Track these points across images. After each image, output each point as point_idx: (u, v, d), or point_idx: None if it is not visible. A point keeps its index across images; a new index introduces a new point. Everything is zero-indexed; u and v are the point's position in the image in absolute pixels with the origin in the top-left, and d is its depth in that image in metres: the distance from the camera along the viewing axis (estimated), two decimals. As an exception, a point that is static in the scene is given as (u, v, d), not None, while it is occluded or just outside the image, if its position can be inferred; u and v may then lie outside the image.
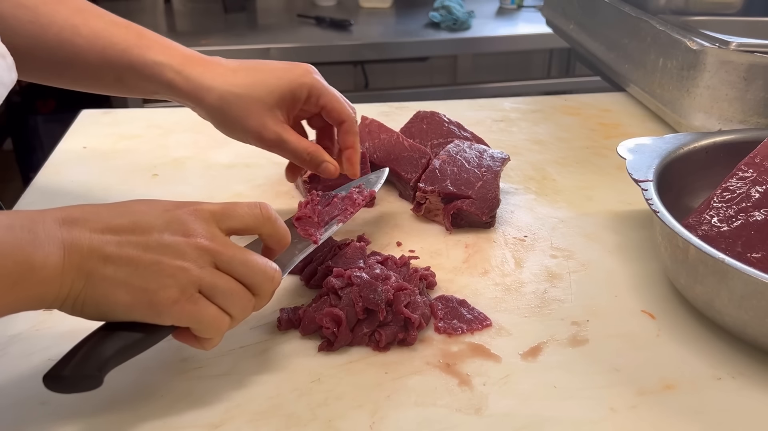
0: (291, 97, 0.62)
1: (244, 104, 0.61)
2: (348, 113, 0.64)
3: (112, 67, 0.62)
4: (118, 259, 0.43)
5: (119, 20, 0.64)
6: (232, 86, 0.61)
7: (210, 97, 0.61)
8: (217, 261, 0.46)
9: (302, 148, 0.63)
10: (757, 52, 0.82)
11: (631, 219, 0.75)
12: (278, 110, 0.62)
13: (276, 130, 0.62)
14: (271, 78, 0.62)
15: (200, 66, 0.62)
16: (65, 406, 0.48)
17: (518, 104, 1.09)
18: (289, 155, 0.64)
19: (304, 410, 0.48)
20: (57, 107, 2.07)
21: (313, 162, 0.64)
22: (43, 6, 0.61)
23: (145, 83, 0.62)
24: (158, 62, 0.61)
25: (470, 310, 0.58)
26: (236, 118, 0.62)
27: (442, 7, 1.98)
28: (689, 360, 0.54)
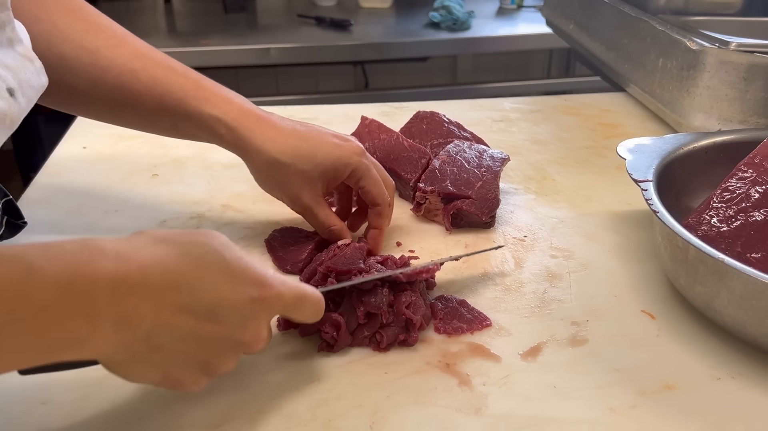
0: (333, 173, 0.64)
1: (287, 172, 0.63)
2: (383, 198, 0.66)
3: (168, 114, 0.63)
4: (172, 350, 0.41)
5: (178, 66, 0.65)
6: (280, 154, 0.63)
7: (257, 158, 0.63)
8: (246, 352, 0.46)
9: (328, 222, 0.65)
10: (757, 52, 0.82)
11: (631, 219, 0.75)
12: (318, 182, 0.64)
13: (309, 202, 0.64)
14: (320, 153, 0.63)
15: (253, 124, 0.63)
16: (65, 406, 0.48)
17: (518, 104, 1.09)
18: (315, 226, 0.66)
19: (304, 410, 0.49)
20: (57, 107, 2.06)
21: (334, 237, 0.65)
22: (104, 50, 0.62)
23: (199, 132, 0.64)
24: (213, 116, 0.63)
25: (470, 310, 0.58)
26: (277, 183, 0.65)
27: (442, 7, 1.98)
28: (689, 360, 0.54)
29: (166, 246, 0.41)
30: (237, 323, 0.43)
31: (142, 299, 0.38)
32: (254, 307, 0.44)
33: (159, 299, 0.39)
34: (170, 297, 0.40)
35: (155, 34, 1.90)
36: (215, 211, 0.75)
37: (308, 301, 0.48)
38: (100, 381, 0.51)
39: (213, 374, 0.44)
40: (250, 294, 0.43)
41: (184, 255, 0.41)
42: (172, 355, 0.41)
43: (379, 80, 2.36)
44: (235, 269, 0.43)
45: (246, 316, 0.43)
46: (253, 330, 0.44)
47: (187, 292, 0.40)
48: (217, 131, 0.63)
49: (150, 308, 0.39)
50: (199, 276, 0.41)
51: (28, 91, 0.53)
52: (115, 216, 0.73)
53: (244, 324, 0.43)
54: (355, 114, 0.91)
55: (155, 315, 0.39)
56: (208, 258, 0.42)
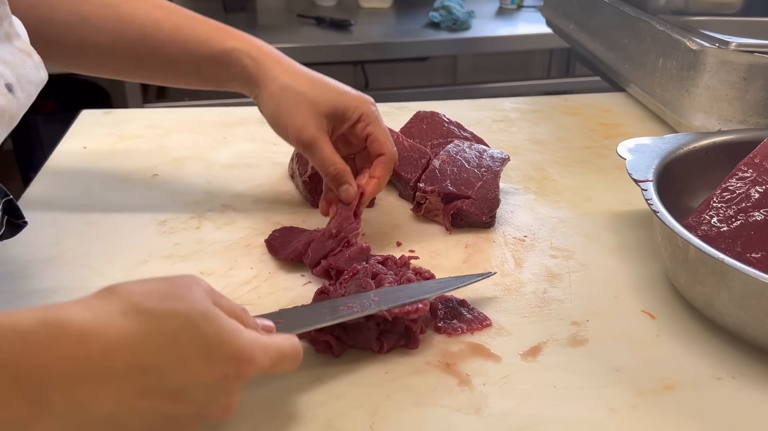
0: (342, 113, 0.65)
1: (298, 100, 0.64)
2: (390, 148, 0.66)
3: (192, 57, 0.66)
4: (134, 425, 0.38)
5: (197, 15, 0.68)
6: (295, 83, 0.65)
7: (272, 85, 0.65)
8: None
9: (332, 161, 0.64)
10: (757, 52, 0.82)
11: (631, 219, 0.75)
12: (325, 119, 0.64)
13: (315, 133, 0.64)
14: (330, 91, 0.65)
15: (273, 58, 0.67)
16: (65, 406, 0.48)
17: (518, 104, 1.09)
18: (318, 163, 0.65)
19: (304, 410, 0.48)
20: (57, 107, 2.07)
21: (337, 179, 0.65)
22: (125, 5, 0.65)
23: (221, 71, 0.67)
24: (237, 48, 0.66)
25: (470, 310, 0.58)
26: (285, 111, 0.65)
27: (442, 7, 1.98)
28: (689, 360, 0.54)
29: (138, 320, 0.37)
30: (206, 401, 0.40)
31: (102, 384, 0.36)
32: (228, 384, 0.41)
33: (122, 384, 0.36)
34: (135, 381, 0.37)
35: (155, 34, 1.90)
36: (215, 210, 0.75)
37: (287, 360, 0.45)
38: (100, 381, 0.51)
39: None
40: (225, 373, 0.40)
41: (156, 332, 0.38)
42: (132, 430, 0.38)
43: (379, 80, 2.36)
44: (213, 345, 0.40)
45: (218, 392, 0.40)
46: (223, 404, 0.41)
47: (155, 376, 0.37)
48: (240, 62, 0.65)
49: (110, 393, 0.36)
50: (171, 358, 0.38)
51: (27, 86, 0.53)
52: (115, 216, 0.73)
53: (214, 400, 0.41)
54: (355, 114, 0.91)
55: (116, 400, 0.36)
56: (184, 336, 0.39)
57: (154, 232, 0.70)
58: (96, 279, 0.62)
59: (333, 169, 0.64)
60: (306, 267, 0.64)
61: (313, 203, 0.76)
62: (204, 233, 0.71)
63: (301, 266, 0.65)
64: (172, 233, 0.70)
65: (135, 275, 0.63)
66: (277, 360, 0.44)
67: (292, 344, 0.46)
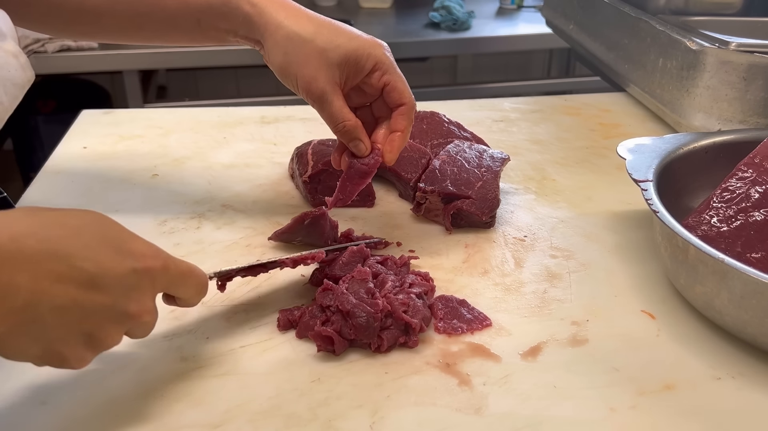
0: (355, 62, 0.60)
1: (306, 49, 0.60)
2: (409, 97, 0.62)
3: (191, 11, 0.63)
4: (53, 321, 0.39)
5: None
6: (301, 29, 0.60)
7: (278, 34, 0.61)
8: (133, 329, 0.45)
9: (342, 115, 0.61)
10: (757, 52, 0.82)
11: (631, 219, 0.75)
12: (337, 69, 0.60)
13: (324, 87, 0.60)
14: (341, 37, 0.60)
15: (276, 3, 0.62)
16: (65, 406, 0.48)
17: (518, 104, 1.09)
18: (327, 118, 0.62)
19: (304, 410, 0.48)
20: (57, 107, 2.07)
21: (347, 134, 0.62)
22: None
23: (222, 22, 0.63)
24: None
25: (470, 310, 0.58)
26: (294, 62, 0.60)
27: (442, 7, 1.98)
28: (689, 360, 0.54)
29: (41, 217, 0.40)
30: (120, 292, 0.42)
31: (16, 269, 0.37)
32: (137, 278, 0.42)
33: (35, 268, 0.38)
34: (46, 265, 0.38)
35: (155, 34, 1.90)
36: (215, 210, 0.75)
37: (193, 277, 0.47)
38: (100, 381, 0.51)
39: (98, 348, 0.43)
40: (132, 265, 0.42)
41: (60, 225, 0.40)
42: (53, 327, 0.39)
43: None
44: (116, 240, 0.42)
45: (129, 286, 0.42)
46: (138, 300, 0.43)
47: (65, 261, 0.39)
48: (241, 9, 0.61)
49: (25, 278, 0.38)
50: (77, 245, 0.40)
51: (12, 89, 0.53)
52: (115, 217, 0.73)
53: (127, 294, 0.42)
54: (355, 114, 0.91)
55: (32, 285, 0.38)
56: (87, 229, 0.41)
57: (154, 232, 0.70)
58: (96, 279, 0.62)
59: (342, 125, 0.61)
60: (306, 268, 0.64)
61: (313, 203, 0.76)
62: (204, 233, 0.71)
63: (301, 266, 0.65)
64: (172, 233, 0.70)
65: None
66: (183, 273, 0.46)
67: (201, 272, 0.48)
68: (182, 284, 0.47)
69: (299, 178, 0.77)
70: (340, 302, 0.54)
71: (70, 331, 0.41)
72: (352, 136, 0.62)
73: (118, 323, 0.43)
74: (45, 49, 1.65)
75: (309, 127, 0.97)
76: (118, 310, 0.42)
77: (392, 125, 0.63)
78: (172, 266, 0.45)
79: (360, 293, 0.55)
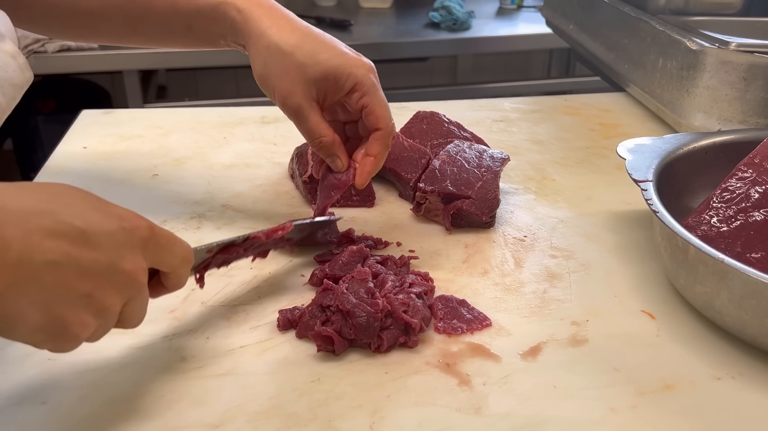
0: (334, 81, 0.60)
1: (285, 63, 0.59)
2: (387, 122, 0.62)
3: (181, 15, 0.63)
4: (49, 279, 0.38)
5: None
6: (283, 41, 0.59)
7: (260, 43, 0.60)
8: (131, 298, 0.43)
9: (318, 131, 0.61)
10: (757, 52, 0.82)
11: (631, 219, 0.75)
12: (314, 85, 0.60)
13: (301, 102, 0.59)
14: (324, 53, 0.60)
15: (264, 10, 0.61)
16: (65, 406, 0.48)
17: (518, 104, 1.09)
18: (304, 132, 0.62)
19: (304, 410, 0.48)
20: (57, 107, 2.07)
21: (324, 150, 0.62)
22: None
23: (212, 26, 0.63)
24: (224, 1, 0.61)
25: (470, 310, 0.58)
26: (272, 74, 0.60)
27: (442, 7, 1.98)
28: (689, 360, 0.54)
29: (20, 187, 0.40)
30: (113, 249, 0.41)
31: (4, 223, 0.36)
32: (127, 235, 0.42)
33: (23, 222, 0.37)
34: (34, 220, 0.38)
35: (155, 34, 1.90)
36: (215, 210, 0.75)
37: (177, 243, 0.47)
38: (100, 381, 0.51)
39: (100, 313, 0.41)
40: (120, 224, 0.41)
41: (39, 190, 0.40)
42: (50, 286, 0.38)
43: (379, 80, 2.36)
44: (99, 202, 0.42)
45: (120, 243, 0.41)
46: (132, 259, 0.42)
47: (51, 216, 0.38)
48: (229, 14, 0.61)
49: (15, 231, 0.37)
50: (62, 204, 0.40)
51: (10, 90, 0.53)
52: (115, 216, 0.73)
53: (119, 252, 0.41)
54: (355, 114, 0.91)
55: (23, 238, 0.37)
56: (68, 192, 0.41)
57: (154, 232, 0.70)
58: (96, 279, 0.62)
59: (318, 141, 0.61)
60: (305, 268, 0.65)
61: (313, 203, 0.76)
62: (204, 233, 0.71)
63: (301, 266, 0.65)
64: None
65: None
66: (169, 237, 0.46)
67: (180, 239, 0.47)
68: (169, 250, 0.46)
69: (299, 178, 0.77)
70: (340, 302, 0.54)
71: (69, 291, 0.39)
72: (328, 152, 0.62)
73: (115, 284, 0.41)
74: (45, 49, 1.65)
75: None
76: (114, 268, 0.41)
77: (367, 149, 0.63)
78: (157, 230, 0.45)
79: (360, 293, 0.55)
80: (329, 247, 0.67)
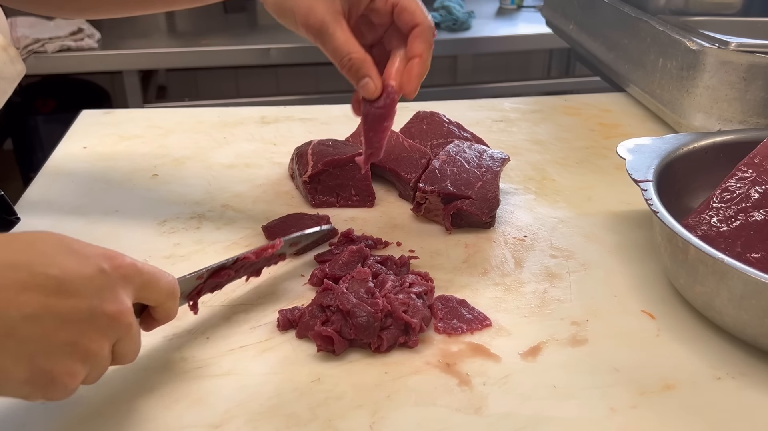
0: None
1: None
2: (424, 17, 0.55)
3: None
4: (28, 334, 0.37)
5: None
6: None
7: None
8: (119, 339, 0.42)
9: (347, 49, 0.54)
10: (757, 52, 0.82)
11: (631, 219, 0.75)
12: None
13: (324, 17, 0.53)
14: None
15: None
16: (65, 406, 0.48)
17: (518, 104, 1.09)
18: (331, 53, 0.55)
19: (304, 410, 0.48)
20: (57, 107, 2.07)
21: (354, 71, 0.55)
22: None
23: None
24: None
25: (470, 310, 0.58)
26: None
27: (442, 7, 1.98)
28: (689, 360, 0.54)
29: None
30: (93, 293, 0.39)
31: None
32: (107, 277, 0.40)
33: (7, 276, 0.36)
34: (8, 275, 0.36)
35: (155, 33, 1.90)
36: (215, 211, 0.75)
37: (162, 278, 0.45)
38: (100, 381, 0.50)
39: (86, 359, 0.40)
40: (99, 266, 0.40)
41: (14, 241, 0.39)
42: (31, 340, 0.37)
43: (379, 80, 2.36)
44: (76, 246, 0.40)
45: (101, 286, 0.40)
46: (114, 300, 0.40)
47: (25, 270, 0.37)
48: None
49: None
50: (36, 254, 0.38)
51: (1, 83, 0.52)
52: (115, 216, 0.73)
53: (101, 295, 0.39)
54: (355, 114, 0.91)
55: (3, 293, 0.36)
56: (43, 239, 0.39)
57: (154, 232, 0.70)
58: (96, 279, 0.62)
59: (348, 59, 0.54)
60: (305, 268, 0.65)
61: (313, 203, 0.76)
62: (204, 233, 0.71)
63: (301, 266, 0.65)
64: (172, 233, 0.70)
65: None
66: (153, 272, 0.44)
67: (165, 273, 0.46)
68: (153, 285, 0.45)
69: (299, 178, 0.77)
70: (340, 302, 0.54)
71: (51, 343, 0.38)
72: (359, 73, 0.55)
73: (100, 328, 0.40)
74: (45, 49, 1.66)
75: (309, 127, 0.97)
76: (96, 312, 0.39)
77: (409, 51, 0.56)
78: (140, 266, 0.43)
79: (360, 293, 0.55)
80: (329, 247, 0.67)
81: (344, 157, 0.75)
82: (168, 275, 0.47)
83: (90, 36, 1.71)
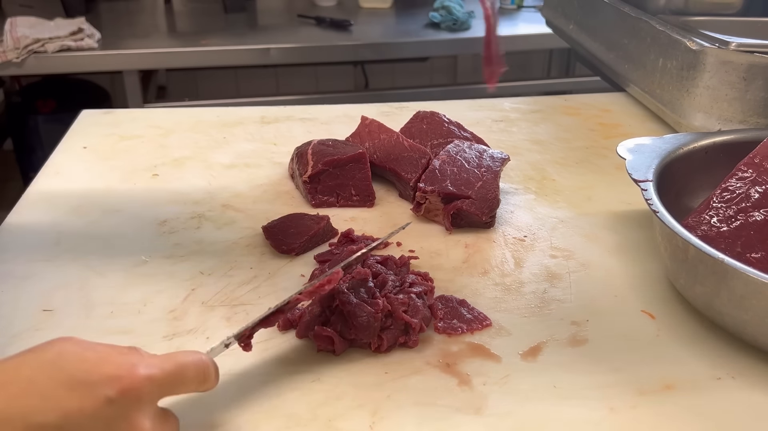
0: None
1: None
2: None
3: None
4: None
5: None
6: None
7: None
8: None
9: None
10: (757, 52, 0.82)
11: (631, 219, 0.75)
12: None
13: None
14: None
15: None
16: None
17: (518, 104, 1.09)
18: None
19: (304, 410, 0.48)
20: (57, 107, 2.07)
21: None
22: None
23: None
24: None
25: (470, 310, 0.58)
26: None
27: (442, 7, 1.98)
28: (689, 360, 0.54)
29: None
30: (102, 428, 0.37)
31: None
32: (116, 407, 0.37)
33: None
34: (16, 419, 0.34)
35: (155, 34, 1.90)
36: (215, 211, 0.75)
37: (187, 370, 0.41)
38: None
39: None
40: (106, 395, 0.37)
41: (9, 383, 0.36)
42: None
43: (379, 80, 2.36)
44: (79, 373, 0.37)
45: (110, 419, 0.37)
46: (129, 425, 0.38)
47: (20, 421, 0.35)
48: None
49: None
50: (32, 400, 0.35)
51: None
52: (115, 216, 0.73)
53: (111, 426, 0.37)
54: (355, 114, 0.91)
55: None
56: (42, 375, 0.36)
57: (154, 232, 0.70)
58: (96, 279, 0.62)
59: None
60: (305, 268, 0.65)
61: (313, 203, 0.76)
62: (204, 233, 0.71)
63: (301, 266, 0.65)
64: (172, 233, 0.70)
65: (135, 275, 0.63)
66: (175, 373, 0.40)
67: (195, 357, 0.42)
68: (179, 384, 0.41)
69: (299, 178, 0.77)
70: (341, 302, 0.54)
71: None
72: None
73: None
74: (45, 49, 1.65)
75: (309, 127, 0.97)
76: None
77: None
78: (157, 371, 0.39)
79: (360, 293, 0.55)
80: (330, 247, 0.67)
81: (344, 157, 0.75)
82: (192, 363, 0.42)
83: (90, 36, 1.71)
